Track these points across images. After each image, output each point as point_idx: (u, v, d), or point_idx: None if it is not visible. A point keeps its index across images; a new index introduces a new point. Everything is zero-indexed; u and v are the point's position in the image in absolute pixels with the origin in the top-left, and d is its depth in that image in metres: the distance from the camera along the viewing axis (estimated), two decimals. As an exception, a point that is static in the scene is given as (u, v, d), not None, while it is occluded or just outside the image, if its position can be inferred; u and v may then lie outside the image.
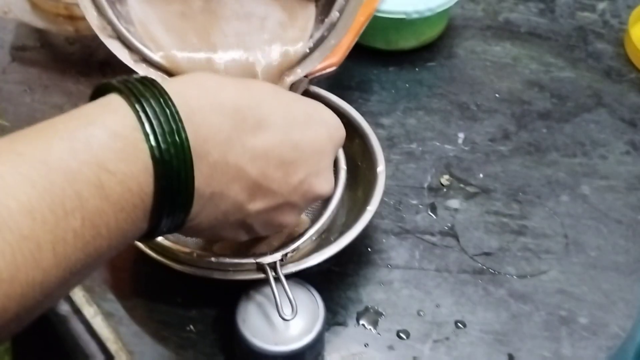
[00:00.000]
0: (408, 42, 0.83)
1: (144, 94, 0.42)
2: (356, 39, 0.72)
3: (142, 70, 0.54)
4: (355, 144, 0.65)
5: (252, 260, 0.55)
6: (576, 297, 0.63)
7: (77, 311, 0.57)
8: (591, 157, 0.74)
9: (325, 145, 0.52)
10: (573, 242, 0.66)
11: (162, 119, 0.41)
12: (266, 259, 0.55)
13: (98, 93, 0.43)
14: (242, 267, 0.56)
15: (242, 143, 0.46)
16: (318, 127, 0.51)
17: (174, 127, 0.41)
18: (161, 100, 0.42)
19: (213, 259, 0.56)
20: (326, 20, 0.56)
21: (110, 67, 0.80)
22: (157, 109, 0.41)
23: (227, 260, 0.56)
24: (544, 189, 0.71)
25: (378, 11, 0.78)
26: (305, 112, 0.51)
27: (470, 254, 0.65)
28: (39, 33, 0.84)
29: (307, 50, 0.57)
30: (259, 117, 0.47)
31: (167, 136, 0.41)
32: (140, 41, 0.54)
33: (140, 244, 0.57)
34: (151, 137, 0.41)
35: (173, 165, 0.41)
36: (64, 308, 0.57)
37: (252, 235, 0.52)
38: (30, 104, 0.77)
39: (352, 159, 0.64)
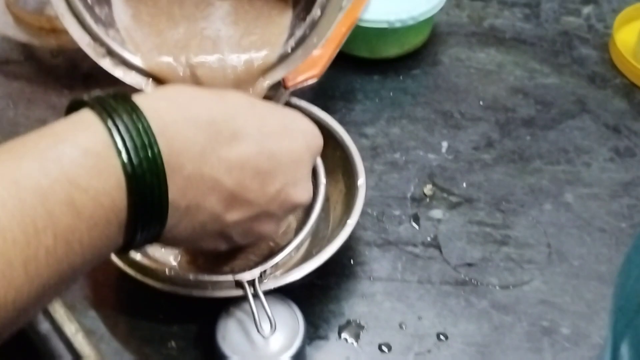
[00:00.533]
0: (392, 50, 0.83)
1: (116, 109, 0.42)
2: (338, 50, 0.72)
3: (127, 75, 0.54)
4: (336, 157, 0.65)
5: (230, 278, 0.55)
6: (558, 307, 0.62)
7: (58, 329, 0.56)
8: (575, 165, 0.73)
9: (303, 154, 0.52)
10: (556, 251, 0.66)
11: (133, 134, 0.41)
12: (244, 276, 0.55)
13: (71, 109, 0.44)
14: (221, 285, 0.55)
15: (217, 155, 0.46)
16: (295, 137, 0.51)
17: (146, 141, 0.41)
18: (133, 115, 0.42)
19: (191, 277, 0.55)
20: (307, 17, 0.56)
21: (94, 79, 0.80)
22: (129, 124, 0.41)
23: (206, 277, 0.56)
24: (527, 198, 0.71)
25: (361, 20, 0.78)
26: (281, 123, 0.51)
27: (452, 265, 0.65)
28: (23, 47, 0.84)
29: (289, 50, 0.57)
30: (234, 129, 0.47)
31: (139, 151, 0.41)
32: (122, 45, 0.54)
33: (119, 262, 0.57)
34: (123, 153, 0.41)
35: (146, 180, 0.41)
36: (44, 326, 0.56)
37: (232, 244, 0.52)
38: (13, 118, 0.77)
39: (332, 171, 0.64)
